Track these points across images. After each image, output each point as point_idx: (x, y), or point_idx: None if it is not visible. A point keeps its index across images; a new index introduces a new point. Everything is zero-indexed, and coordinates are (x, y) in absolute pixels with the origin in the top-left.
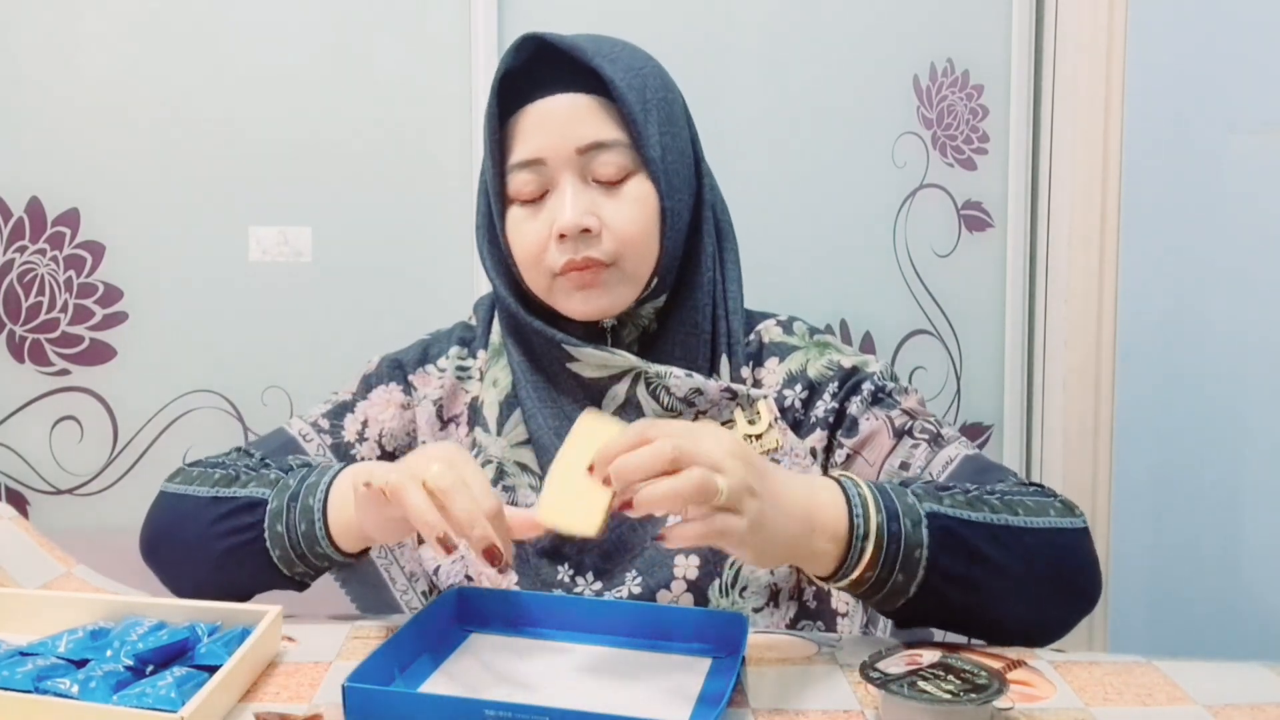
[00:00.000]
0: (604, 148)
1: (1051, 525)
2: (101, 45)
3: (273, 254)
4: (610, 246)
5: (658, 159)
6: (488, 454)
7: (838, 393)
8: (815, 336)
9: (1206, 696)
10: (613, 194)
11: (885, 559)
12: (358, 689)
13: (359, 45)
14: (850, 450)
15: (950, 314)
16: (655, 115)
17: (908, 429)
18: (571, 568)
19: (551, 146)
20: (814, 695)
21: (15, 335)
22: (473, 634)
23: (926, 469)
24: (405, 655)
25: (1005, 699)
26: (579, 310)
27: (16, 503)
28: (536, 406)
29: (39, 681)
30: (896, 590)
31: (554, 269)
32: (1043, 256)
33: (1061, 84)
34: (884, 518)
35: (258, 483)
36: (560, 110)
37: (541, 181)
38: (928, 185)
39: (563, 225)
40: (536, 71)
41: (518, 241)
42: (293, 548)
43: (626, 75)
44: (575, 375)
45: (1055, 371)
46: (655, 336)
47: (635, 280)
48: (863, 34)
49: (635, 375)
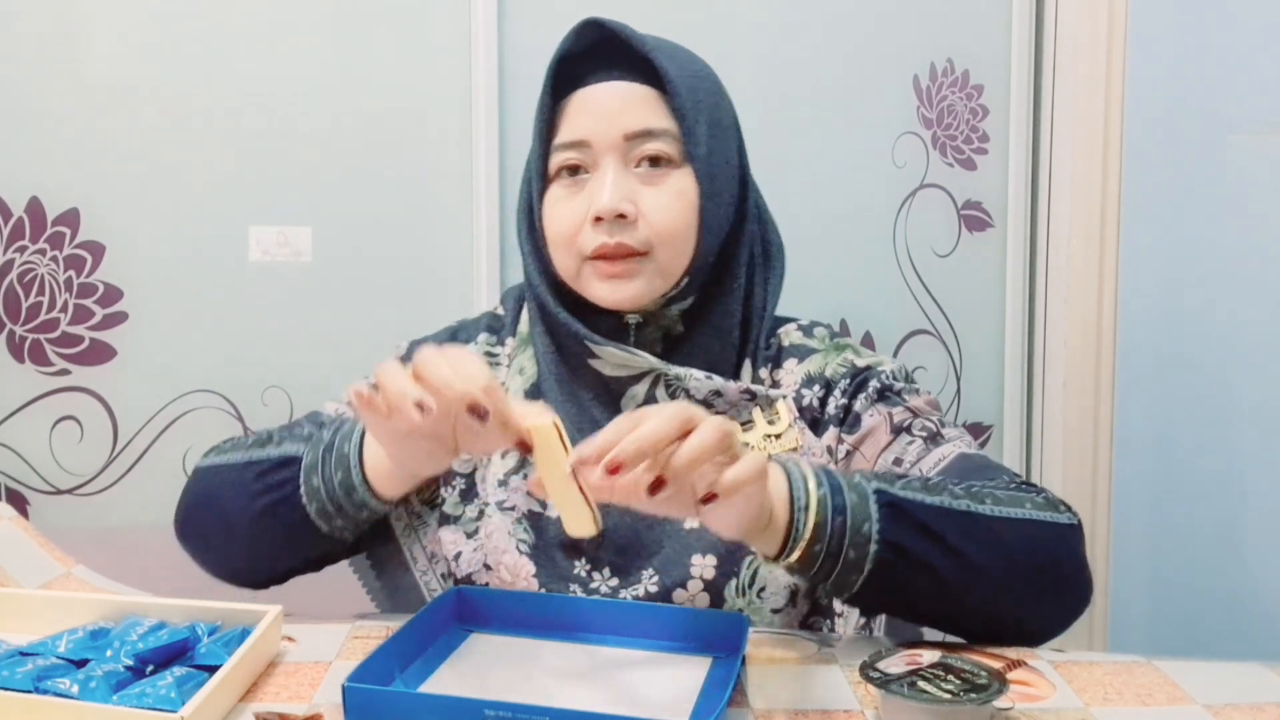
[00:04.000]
0: (651, 136)
1: (1024, 516)
2: (101, 45)
3: (273, 254)
4: (645, 235)
5: (703, 156)
6: None
7: (848, 389)
8: (835, 339)
9: (1206, 696)
10: (654, 184)
11: (832, 532)
12: (357, 689)
13: (359, 45)
14: (850, 446)
15: (950, 314)
16: (705, 115)
17: (906, 426)
18: (589, 562)
19: (599, 130)
20: (814, 695)
21: (15, 335)
22: (473, 634)
23: (917, 465)
24: (405, 655)
25: (1005, 699)
26: (606, 298)
27: (16, 503)
28: (559, 399)
29: (39, 681)
30: (850, 567)
31: (585, 252)
32: (1043, 256)
33: (1061, 84)
34: (826, 491)
35: (291, 440)
36: (612, 96)
37: (584, 162)
38: (928, 185)
39: (600, 208)
40: (593, 57)
41: (553, 220)
42: (329, 498)
43: (681, 72)
44: (596, 372)
45: (1055, 371)
46: (680, 339)
47: (666, 274)
48: (863, 34)
49: (656, 377)
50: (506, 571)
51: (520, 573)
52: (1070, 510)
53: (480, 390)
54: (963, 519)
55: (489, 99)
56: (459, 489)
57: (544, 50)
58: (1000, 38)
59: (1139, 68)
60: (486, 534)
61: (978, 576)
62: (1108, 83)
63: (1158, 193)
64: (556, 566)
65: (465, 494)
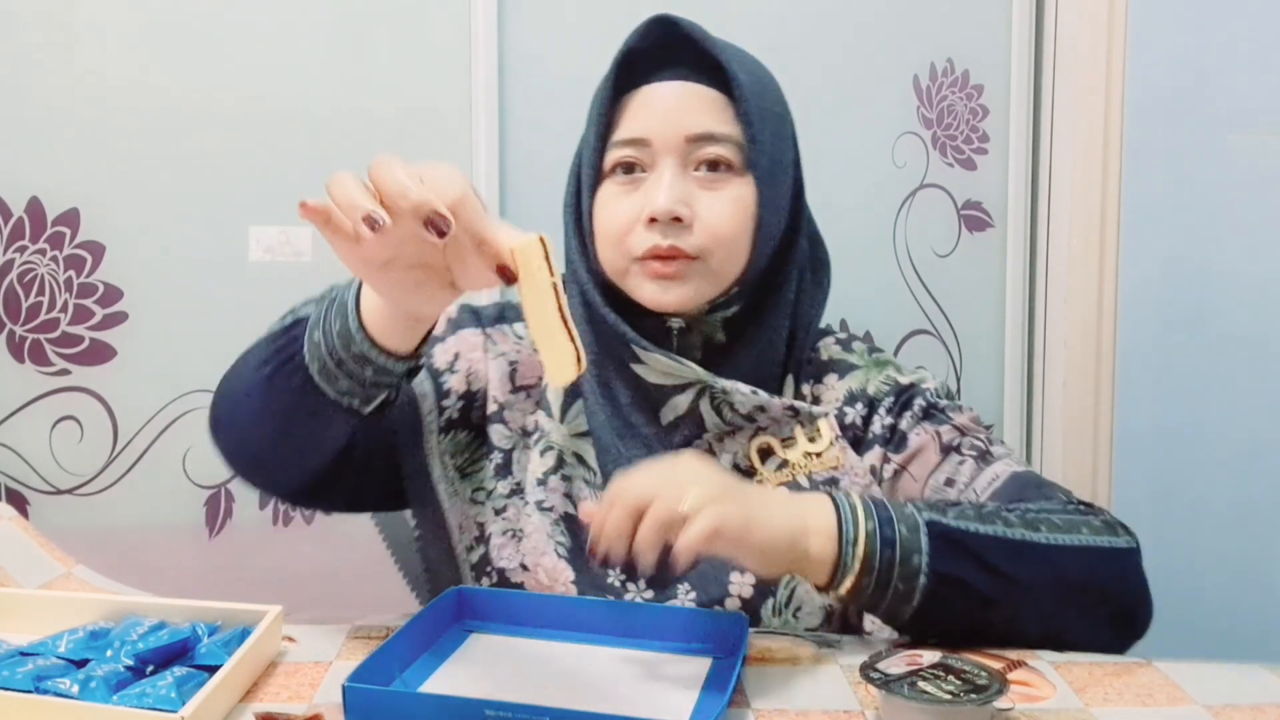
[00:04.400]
0: (714, 140)
1: (1081, 544)
2: (102, 45)
3: (273, 254)
4: (699, 240)
5: (764, 165)
6: (549, 439)
7: (892, 407)
8: (874, 355)
9: (1207, 697)
10: (711, 189)
11: (881, 563)
12: (358, 689)
13: (359, 45)
14: (898, 465)
15: (950, 314)
16: (770, 124)
17: (955, 445)
18: (624, 572)
19: (661, 129)
20: (814, 695)
21: (15, 335)
22: (472, 634)
23: (971, 485)
24: (405, 655)
25: (1005, 699)
26: (653, 299)
27: (16, 503)
28: (598, 402)
29: (39, 681)
30: (900, 599)
31: (635, 252)
32: (1043, 256)
33: (1061, 84)
34: (875, 523)
35: (308, 305)
36: (677, 96)
37: (641, 161)
38: (928, 185)
39: (655, 209)
40: (659, 54)
41: (604, 217)
42: (330, 353)
43: (750, 79)
44: (638, 377)
45: (1055, 371)
46: (723, 348)
47: (717, 280)
48: (863, 34)
49: (701, 389)
50: (545, 574)
51: (559, 577)
52: (1129, 533)
53: (450, 201)
54: (1018, 548)
55: (489, 99)
56: (495, 463)
57: (544, 50)
58: (1000, 38)
59: (1139, 68)
60: (526, 533)
61: (1035, 605)
62: (1108, 83)
63: (1158, 193)
64: (592, 573)
65: (500, 469)
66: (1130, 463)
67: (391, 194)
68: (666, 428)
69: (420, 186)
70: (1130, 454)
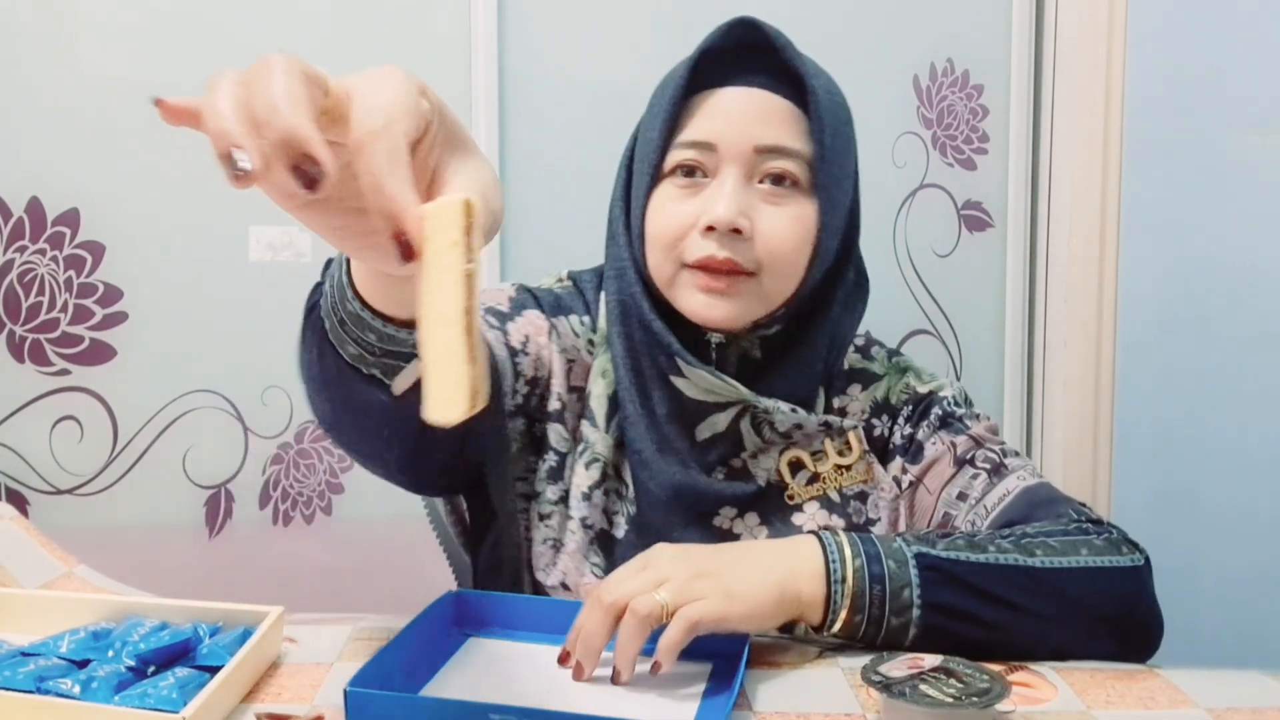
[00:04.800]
0: (784, 154)
1: (1078, 565)
2: (101, 45)
3: (273, 254)
4: (756, 255)
5: (830, 187)
6: (594, 450)
7: (910, 416)
8: (893, 360)
9: (1208, 700)
10: (774, 204)
11: (871, 599)
12: (360, 693)
13: (359, 44)
14: (914, 477)
15: (950, 314)
16: (841, 145)
17: (970, 458)
18: None
19: (730, 135)
20: (815, 699)
21: (15, 335)
22: (470, 638)
23: (982, 501)
24: (405, 659)
25: (1007, 702)
26: (699, 312)
27: (16, 503)
28: (638, 412)
29: (40, 682)
30: (896, 632)
31: (686, 259)
32: (1043, 256)
33: (1061, 84)
34: (863, 560)
35: None
36: (750, 103)
37: (705, 165)
38: (928, 185)
39: (715, 218)
40: (736, 58)
41: (657, 220)
42: (333, 309)
43: (827, 95)
44: (677, 392)
45: (1055, 371)
46: (757, 364)
47: (768, 299)
48: (863, 34)
49: (743, 408)
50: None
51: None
52: (1136, 549)
53: (363, 132)
54: (1012, 573)
55: (489, 99)
56: (549, 465)
57: (544, 50)
58: (1000, 38)
59: (1139, 68)
60: (566, 548)
61: (1038, 629)
62: (1108, 83)
63: (1158, 192)
64: None
65: (553, 473)
66: (1130, 463)
67: (260, 118)
68: (701, 445)
69: (295, 109)
70: (1130, 454)
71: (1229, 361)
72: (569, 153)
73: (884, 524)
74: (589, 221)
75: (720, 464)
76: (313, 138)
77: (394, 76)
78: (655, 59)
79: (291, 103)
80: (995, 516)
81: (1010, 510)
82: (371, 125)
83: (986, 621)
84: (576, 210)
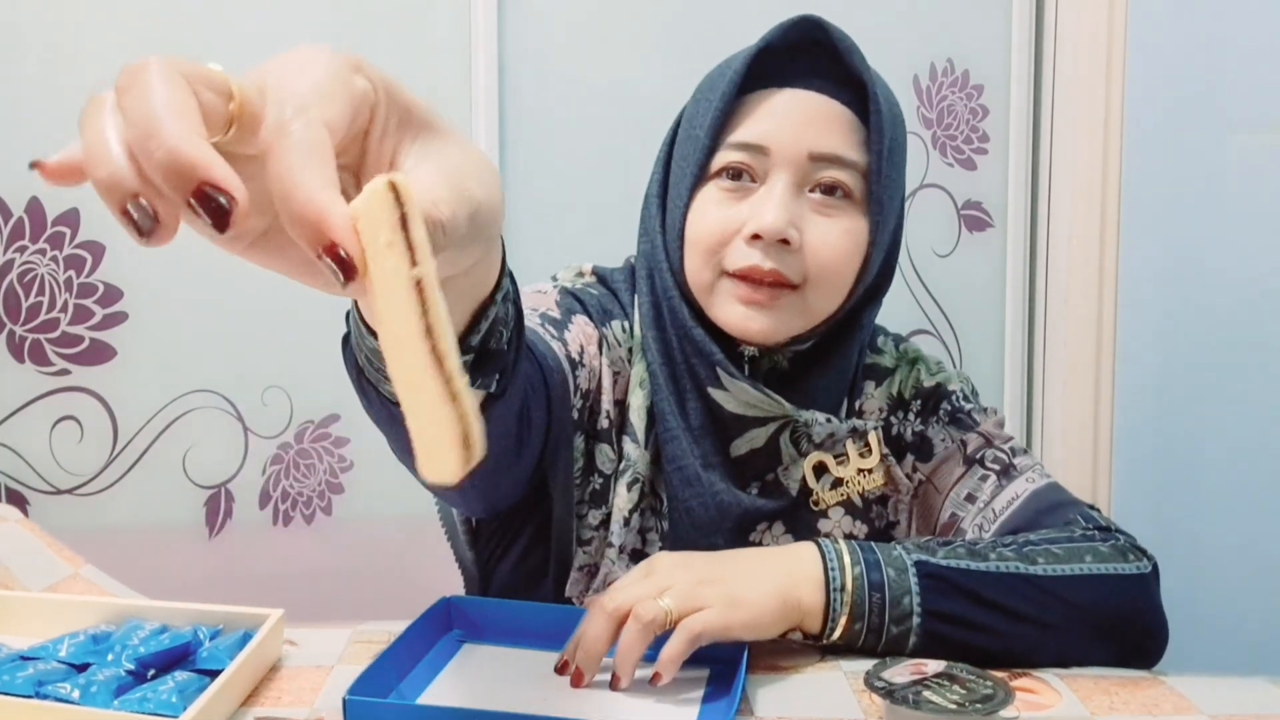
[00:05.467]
0: (839, 164)
1: (1082, 573)
2: (101, 44)
3: None
4: (803, 268)
5: (884, 201)
6: (635, 470)
7: (920, 411)
8: (901, 348)
9: (1212, 707)
10: (825, 215)
11: (870, 607)
12: (359, 702)
13: (359, 44)
14: (924, 476)
15: (950, 314)
16: (897, 159)
17: (979, 457)
18: None
19: (784, 139)
20: (817, 704)
21: (15, 335)
22: (465, 645)
23: (990, 505)
24: (401, 666)
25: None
26: (736, 324)
27: (16, 503)
28: (678, 424)
29: (39, 686)
30: (896, 641)
31: (727, 267)
32: (1043, 256)
33: (1061, 84)
34: (862, 568)
35: None
36: (807, 107)
37: (754, 169)
38: (928, 185)
39: (763, 226)
40: (794, 58)
41: (699, 224)
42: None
43: (888, 106)
44: (713, 404)
45: (1055, 371)
46: (786, 375)
47: (810, 315)
48: (863, 34)
49: (784, 423)
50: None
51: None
52: (1144, 556)
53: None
54: (1013, 581)
55: (489, 99)
56: (594, 487)
57: (544, 50)
58: (1000, 38)
59: (1139, 68)
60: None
61: (1040, 637)
62: (1108, 83)
63: (1158, 193)
64: None
65: (597, 496)
66: (1130, 463)
67: (141, 133)
68: (737, 461)
69: (179, 123)
70: (1130, 454)
71: (1228, 361)
72: (569, 152)
73: (904, 527)
74: (589, 221)
75: (755, 480)
76: (205, 157)
77: (315, 57)
78: (656, 59)
79: (175, 117)
80: (1003, 521)
81: (1018, 516)
82: (279, 118)
83: (988, 629)
84: (577, 210)
